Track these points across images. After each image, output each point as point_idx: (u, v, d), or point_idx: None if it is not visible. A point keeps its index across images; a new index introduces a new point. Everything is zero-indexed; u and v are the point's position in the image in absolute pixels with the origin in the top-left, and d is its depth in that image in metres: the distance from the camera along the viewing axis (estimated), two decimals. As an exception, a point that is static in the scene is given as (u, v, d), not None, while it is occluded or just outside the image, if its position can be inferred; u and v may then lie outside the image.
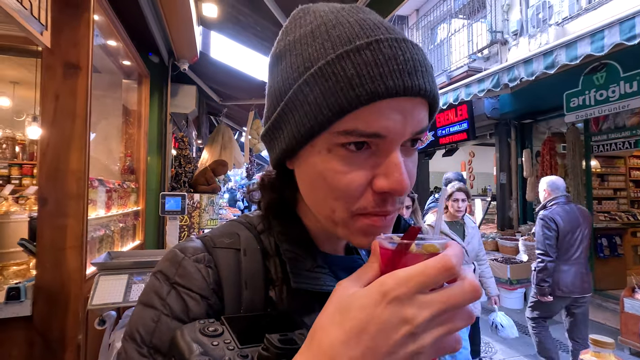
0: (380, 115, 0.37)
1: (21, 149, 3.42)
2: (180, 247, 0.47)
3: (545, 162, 5.36)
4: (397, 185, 0.38)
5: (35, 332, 1.71)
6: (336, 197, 0.41)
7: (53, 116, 1.78)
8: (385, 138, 0.38)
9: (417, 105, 0.39)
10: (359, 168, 0.39)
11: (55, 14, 1.72)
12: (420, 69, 0.38)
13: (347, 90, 0.36)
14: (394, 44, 0.38)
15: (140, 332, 0.41)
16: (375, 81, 0.36)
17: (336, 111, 0.37)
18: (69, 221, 1.77)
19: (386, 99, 0.37)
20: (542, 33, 5.06)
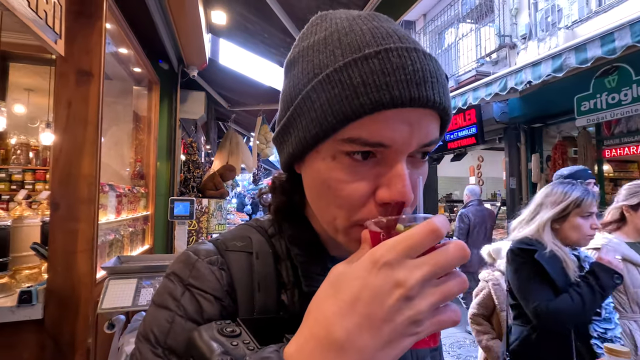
0: (385, 126, 0.37)
1: (35, 154, 3.50)
2: (193, 250, 0.47)
3: (557, 166, 5.27)
4: (399, 197, 0.37)
5: (47, 335, 1.73)
6: (338, 206, 0.40)
7: (66, 122, 1.81)
8: (390, 148, 0.37)
9: (425, 116, 0.38)
10: (362, 178, 0.39)
11: (69, 23, 1.76)
12: (430, 80, 0.37)
13: (352, 99, 0.36)
14: (404, 53, 0.37)
15: (154, 332, 0.41)
16: (380, 90, 0.36)
17: (340, 119, 0.37)
18: (80, 225, 1.79)
19: (392, 109, 0.36)
20: (551, 37, 5.02)
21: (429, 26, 8.24)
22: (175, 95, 3.79)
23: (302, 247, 0.48)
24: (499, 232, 6.64)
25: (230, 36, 4.32)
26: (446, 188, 10.68)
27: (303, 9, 3.20)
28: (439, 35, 8.28)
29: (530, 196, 5.88)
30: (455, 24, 7.41)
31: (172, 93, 3.78)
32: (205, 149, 6.68)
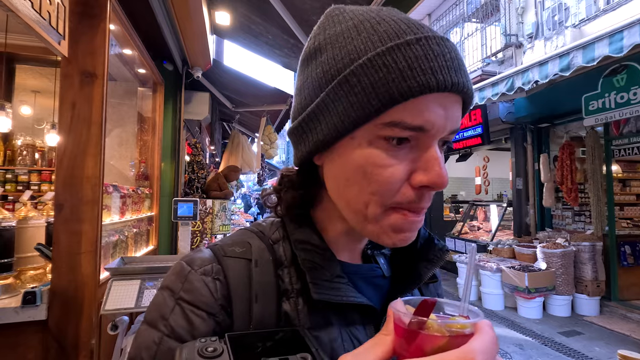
0: (427, 109, 0.38)
1: (40, 155, 3.52)
2: (188, 260, 0.45)
3: (565, 167, 5.21)
4: (438, 179, 0.38)
5: (50, 336, 1.73)
6: (373, 192, 0.40)
7: (70, 123, 1.82)
8: (428, 132, 0.38)
9: (455, 103, 0.40)
10: (400, 162, 0.39)
11: (72, 24, 1.77)
12: (462, 68, 0.40)
13: (398, 82, 0.37)
14: (441, 42, 0.39)
15: (142, 355, 0.40)
16: (426, 74, 0.37)
17: (386, 101, 0.37)
18: (84, 226, 1.79)
19: (434, 94, 0.37)
20: (558, 35, 4.96)
21: (434, 26, 8.20)
22: (180, 96, 3.80)
23: (310, 252, 0.45)
24: (504, 234, 6.57)
25: (234, 37, 4.33)
26: (451, 189, 10.61)
27: (307, 10, 3.19)
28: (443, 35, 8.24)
29: (537, 197, 5.83)
30: (460, 23, 7.36)
31: (176, 94, 3.79)
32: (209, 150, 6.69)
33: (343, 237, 0.49)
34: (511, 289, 4.71)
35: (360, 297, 0.44)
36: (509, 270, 4.74)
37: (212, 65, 3.96)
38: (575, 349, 3.70)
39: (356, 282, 0.47)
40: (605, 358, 3.48)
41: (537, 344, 3.84)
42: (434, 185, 0.39)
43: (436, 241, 0.52)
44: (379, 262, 0.53)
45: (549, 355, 3.57)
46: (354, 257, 0.52)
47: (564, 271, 4.64)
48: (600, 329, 4.21)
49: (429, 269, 0.49)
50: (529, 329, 4.26)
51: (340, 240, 0.49)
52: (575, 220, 5.47)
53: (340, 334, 0.44)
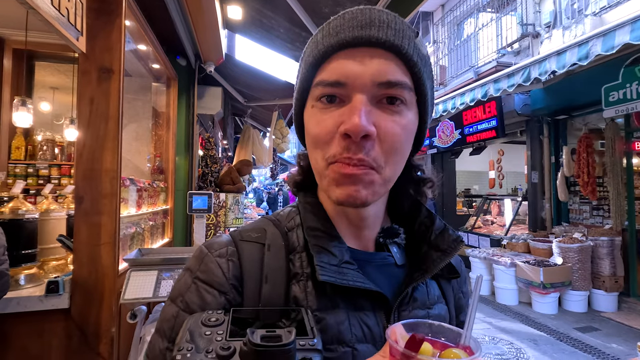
0: (340, 66, 0.44)
1: (60, 150, 3.62)
2: (207, 244, 0.49)
3: (582, 160, 5.08)
4: (352, 127, 0.41)
5: (73, 323, 1.80)
6: (315, 146, 0.46)
7: (88, 118, 1.86)
8: (346, 85, 0.43)
9: (375, 54, 0.43)
10: (329, 117, 0.44)
11: (89, 20, 1.80)
12: (377, 24, 0.43)
13: (315, 50, 0.46)
14: (357, 11, 0.45)
15: (164, 327, 0.45)
16: (331, 37, 0.44)
17: (309, 67, 0.46)
18: (102, 219, 1.85)
19: (344, 50, 0.44)
20: (577, 24, 4.81)
21: (447, 17, 8.04)
22: (193, 91, 3.84)
23: (320, 238, 0.48)
24: (519, 228, 6.47)
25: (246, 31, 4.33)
26: (465, 183, 10.47)
27: (319, 2, 3.17)
28: (457, 26, 8.07)
29: (553, 191, 5.71)
30: (474, 13, 7.19)
31: (189, 89, 3.83)
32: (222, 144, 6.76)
33: (340, 216, 0.52)
34: (526, 284, 4.65)
35: (368, 283, 0.45)
36: (523, 265, 4.67)
37: (225, 59, 3.98)
38: (592, 345, 3.63)
39: (367, 269, 0.49)
40: (623, 355, 3.41)
41: (553, 339, 3.79)
42: (349, 133, 0.41)
43: (450, 231, 0.53)
44: (392, 250, 0.54)
45: (564, 351, 3.52)
46: (366, 245, 0.53)
47: (580, 266, 4.55)
48: (618, 325, 4.12)
49: (442, 259, 0.50)
50: (544, 324, 4.20)
51: (341, 221, 0.52)
52: (594, 215, 5.34)
53: (348, 318, 0.45)
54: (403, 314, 0.48)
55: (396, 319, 0.47)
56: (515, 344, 3.68)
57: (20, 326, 1.76)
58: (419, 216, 0.56)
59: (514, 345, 3.64)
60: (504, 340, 3.78)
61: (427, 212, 0.55)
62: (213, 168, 4.13)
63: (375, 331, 0.46)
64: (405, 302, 0.49)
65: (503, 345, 3.67)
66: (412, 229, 0.56)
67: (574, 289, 4.57)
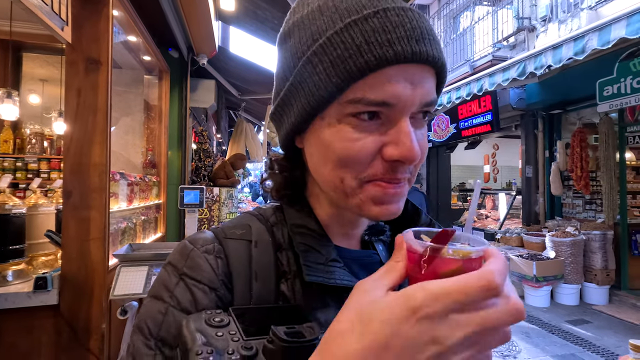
0: (389, 83, 0.37)
1: (49, 143, 3.56)
2: (191, 239, 0.47)
3: (576, 154, 5.10)
4: (408, 153, 0.38)
5: (62, 320, 1.77)
6: (345, 165, 0.41)
7: (76, 111, 1.82)
8: (395, 107, 0.38)
9: (425, 73, 0.39)
10: (369, 135, 0.39)
11: (75, 10, 1.75)
12: (427, 37, 0.38)
13: (355, 57, 0.37)
14: (401, 12, 0.38)
15: (148, 324, 0.41)
16: (383, 47, 0.36)
17: (345, 78, 0.37)
18: (91, 214, 1.81)
19: (394, 66, 0.37)
20: (573, 18, 4.79)
21: (444, 10, 7.99)
22: (186, 84, 3.78)
23: (305, 235, 0.46)
24: (513, 222, 6.51)
25: (240, 23, 4.27)
26: (460, 177, 10.51)
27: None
28: (453, 19, 8.03)
29: (547, 185, 5.74)
30: (471, 7, 7.15)
31: (182, 81, 3.77)
32: (216, 138, 6.69)
33: (335, 220, 0.49)
34: (519, 277, 4.69)
35: (355, 281, 0.44)
36: (517, 258, 4.71)
37: (218, 52, 3.92)
38: (584, 337, 3.68)
39: (352, 267, 0.48)
40: (614, 347, 3.46)
41: (545, 332, 3.83)
42: (404, 159, 0.38)
43: (437, 227, 0.52)
44: (377, 248, 0.53)
45: (556, 343, 3.57)
46: (351, 243, 0.52)
47: (573, 260, 4.59)
48: (609, 318, 4.18)
49: None
50: (537, 317, 4.25)
51: (334, 224, 0.49)
52: (586, 209, 5.39)
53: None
54: None
55: None
56: (507, 336, 3.72)
57: (8, 323, 1.73)
58: (405, 212, 0.54)
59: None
60: (497, 333, 3.82)
61: (413, 208, 0.54)
62: (206, 162, 4.09)
63: None
64: None
65: (496, 338, 3.70)
66: (397, 226, 0.55)
67: (566, 282, 4.62)
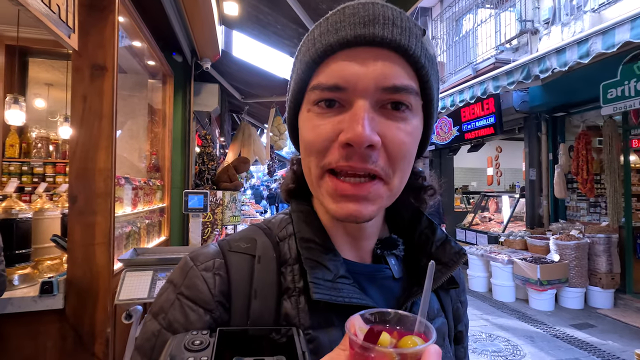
0: (339, 67, 0.39)
1: (55, 148, 3.58)
2: (193, 255, 0.46)
3: (580, 157, 5.08)
4: (353, 135, 0.38)
5: (68, 324, 1.78)
6: (309, 153, 0.43)
7: (82, 117, 1.83)
8: (347, 90, 0.39)
9: (380, 55, 0.39)
10: (327, 123, 0.41)
11: (82, 17, 1.77)
12: (382, 21, 0.39)
13: (311, 49, 0.42)
14: (359, 6, 0.40)
15: (144, 345, 0.42)
16: (330, 34, 0.40)
17: (305, 69, 0.42)
18: (97, 218, 1.82)
19: (344, 50, 0.39)
20: (576, 21, 4.78)
21: (446, 13, 7.99)
22: (189, 88, 3.80)
23: (313, 251, 0.45)
24: (517, 225, 6.48)
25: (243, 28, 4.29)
26: (463, 179, 10.47)
27: (316, -2, 3.14)
28: (456, 22, 8.03)
29: (551, 188, 5.71)
30: (473, 9, 7.15)
31: (185, 86, 3.79)
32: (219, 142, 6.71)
33: (336, 225, 0.49)
34: (523, 280, 4.66)
35: (364, 298, 0.43)
36: (520, 262, 4.69)
37: (221, 56, 3.93)
38: (588, 341, 3.65)
39: (362, 282, 0.46)
40: (619, 351, 3.43)
41: (549, 336, 3.81)
42: (352, 142, 0.38)
43: (452, 244, 0.50)
44: (390, 262, 0.51)
45: (560, 347, 3.54)
46: (362, 256, 0.50)
47: (577, 263, 4.57)
48: (614, 322, 4.15)
49: (443, 272, 0.47)
50: (541, 321, 4.22)
51: (337, 231, 0.49)
52: (591, 212, 5.36)
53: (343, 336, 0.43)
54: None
55: None
56: (511, 340, 3.69)
57: (14, 327, 1.74)
58: (419, 226, 0.53)
59: (511, 342, 3.65)
60: (501, 337, 3.79)
61: (428, 222, 0.53)
62: (210, 165, 4.11)
63: None
64: None
65: (500, 342, 3.68)
66: (411, 240, 0.53)
67: (570, 285, 4.59)
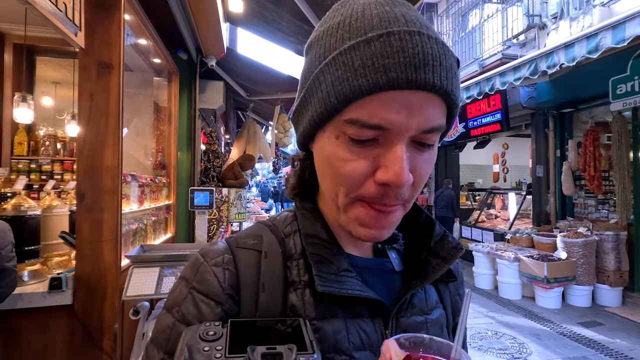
0: (383, 107, 0.37)
1: (62, 145, 3.62)
2: (203, 252, 0.49)
3: (588, 153, 5.02)
4: (395, 178, 0.38)
5: (76, 320, 1.81)
6: (339, 183, 0.42)
7: (88, 114, 1.85)
8: (389, 131, 0.38)
9: (425, 100, 0.38)
10: (362, 158, 0.40)
11: (88, 15, 1.78)
12: (431, 63, 0.37)
13: (352, 80, 0.37)
14: (406, 36, 0.37)
15: (159, 337, 0.44)
16: (378, 72, 0.36)
17: (341, 100, 0.38)
18: (104, 215, 1.84)
19: (390, 92, 0.37)
20: (585, 15, 4.71)
21: (452, 8, 7.91)
22: (195, 86, 3.81)
23: (318, 246, 0.47)
24: (523, 222, 6.43)
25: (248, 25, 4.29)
26: (469, 176, 10.41)
27: (321, -7, 3.12)
28: (462, 17, 7.95)
29: (558, 185, 5.65)
30: (480, 4, 7.07)
31: (191, 83, 3.80)
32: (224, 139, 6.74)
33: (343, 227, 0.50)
34: (529, 278, 4.63)
35: (367, 291, 0.45)
36: (527, 259, 4.65)
37: (226, 53, 3.94)
38: (596, 340, 3.62)
39: (365, 275, 0.49)
40: (627, 350, 3.40)
41: (556, 334, 3.79)
42: (391, 184, 0.39)
43: (450, 238, 0.52)
44: (390, 256, 0.53)
45: (567, 345, 3.52)
46: (364, 250, 0.53)
47: (585, 261, 4.52)
48: (622, 320, 4.11)
49: (441, 266, 0.50)
50: (547, 319, 4.19)
51: (345, 234, 0.50)
52: (599, 209, 5.30)
53: (346, 326, 0.45)
54: (401, 320, 0.49)
55: (394, 326, 0.48)
56: (518, 338, 3.68)
57: (24, 322, 1.77)
58: (419, 221, 0.55)
59: (517, 340, 3.64)
60: (507, 334, 3.78)
61: (427, 218, 0.55)
62: (215, 163, 4.12)
63: (373, 338, 0.46)
64: (404, 308, 0.49)
65: (506, 339, 3.66)
66: (411, 234, 0.55)
67: (578, 283, 4.55)
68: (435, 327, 0.51)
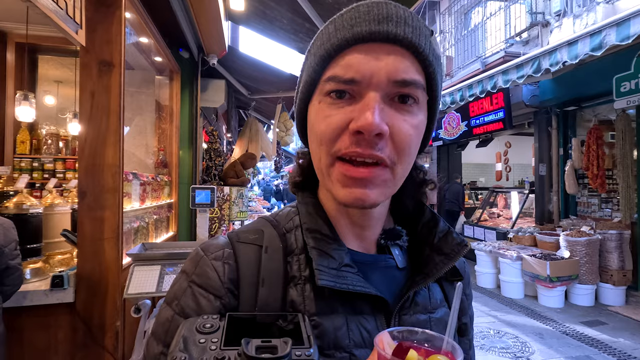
0: (355, 61, 0.42)
1: (64, 144, 3.63)
2: (204, 246, 0.49)
3: (592, 152, 4.99)
4: (364, 122, 0.40)
5: (78, 318, 1.81)
6: (320, 142, 0.44)
7: (90, 113, 1.85)
8: (360, 83, 0.41)
9: (392, 51, 0.42)
10: (338, 112, 0.43)
11: (89, 13, 1.77)
12: (394, 19, 0.41)
13: (326, 43, 0.44)
14: (372, 4, 0.43)
15: (158, 330, 0.44)
16: (345, 30, 0.42)
17: (320, 61, 0.44)
18: (105, 213, 1.84)
19: (358, 45, 0.42)
20: (588, 12, 4.67)
21: (454, 6, 7.87)
22: (196, 84, 3.81)
23: (319, 240, 0.47)
24: (526, 221, 6.41)
25: (249, 23, 4.28)
26: (471, 175, 10.38)
27: (322, -9, 3.11)
28: (464, 15, 7.90)
29: (561, 184, 5.62)
30: (482, 2, 7.03)
31: (192, 82, 3.80)
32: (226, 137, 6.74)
33: (342, 214, 0.50)
34: (532, 277, 4.61)
35: (368, 287, 0.45)
36: (530, 258, 4.63)
37: (228, 52, 3.94)
38: (599, 339, 3.61)
39: (366, 271, 0.48)
40: (630, 349, 3.38)
41: (558, 333, 3.77)
42: (362, 130, 0.40)
43: (454, 235, 0.52)
44: (394, 253, 0.52)
45: (570, 344, 3.50)
46: (367, 246, 0.52)
47: (588, 260, 4.50)
48: (625, 319, 4.08)
49: (445, 263, 0.49)
50: (550, 318, 4.18)
51: (343, 221, 0.50)
52: (602, 208, 5.27)
53: (347, 322, 0.45)
54: (404, 318, 0.48)
55: (397, 324, 0.47)
56: (520, 337, 3.66)
57: (26, 320, 1.78)
58: (423, 218, 0.54)
59: (519, 339, 3.62)
60: (509, 334, 3.77)
61: (431, 214, 0.54)
62: (217, 161, 4.12)
63: (374, 335, 0.45)
64: (407, 306, 0.48)
65: (508, 339, 3.65)
66: (414, 231, 0.54)
67: (581, 282, 4.53)
68: (439, 326, 0.50)
